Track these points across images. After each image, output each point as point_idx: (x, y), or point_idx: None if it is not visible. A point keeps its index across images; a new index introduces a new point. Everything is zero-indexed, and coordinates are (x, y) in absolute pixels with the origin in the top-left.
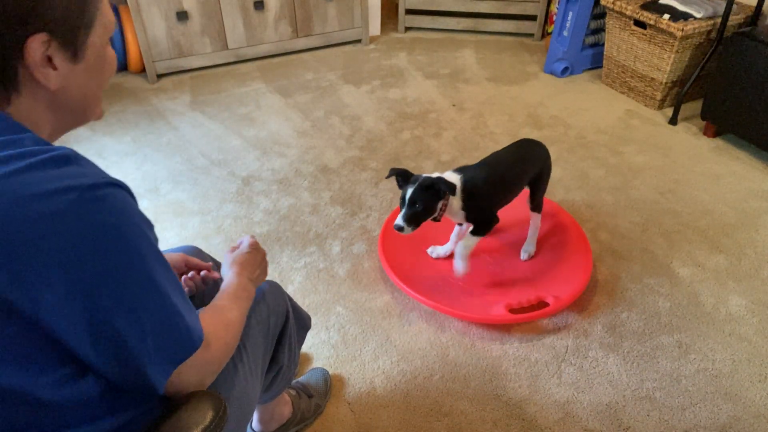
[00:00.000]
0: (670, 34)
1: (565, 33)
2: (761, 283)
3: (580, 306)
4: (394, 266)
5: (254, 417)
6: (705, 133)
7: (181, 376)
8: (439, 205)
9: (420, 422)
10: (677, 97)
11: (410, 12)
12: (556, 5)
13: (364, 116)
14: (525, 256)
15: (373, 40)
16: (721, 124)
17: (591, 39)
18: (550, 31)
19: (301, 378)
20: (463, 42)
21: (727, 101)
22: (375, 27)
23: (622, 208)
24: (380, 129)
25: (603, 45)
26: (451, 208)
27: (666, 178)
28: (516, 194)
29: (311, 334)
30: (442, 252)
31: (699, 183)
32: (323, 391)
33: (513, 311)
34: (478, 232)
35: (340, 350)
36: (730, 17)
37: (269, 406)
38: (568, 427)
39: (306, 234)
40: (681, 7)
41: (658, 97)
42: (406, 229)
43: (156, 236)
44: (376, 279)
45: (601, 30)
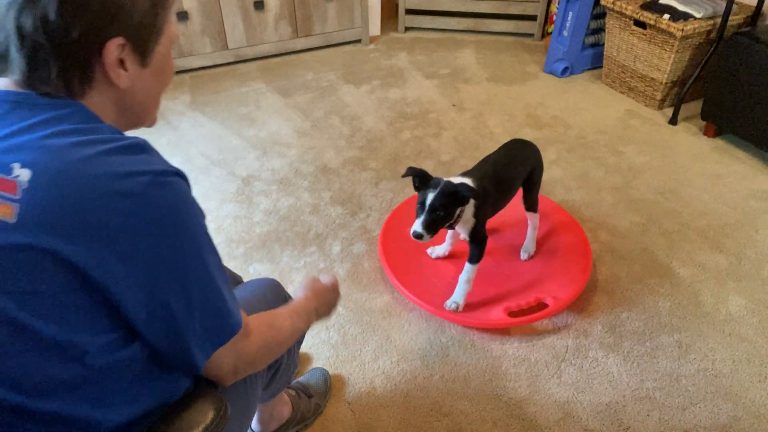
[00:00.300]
0: (670, 34)
1: (565, 33)
2: (761, 283)
3: (580, 306)
4: (394, 267)
5: (254, 417)
6: (705, 133)
7: (219, 359)
8: (457, 212)
9: (420, 422)
10: (677, 97)
11: (410, 12)
12: (556, 5)
13: (364, 116)
14: (525, 256)
15: (373, 40)
16: (721, 124)
17: (591, 39)
18: (550, 31)
19: (301, 378)
20: (463, 42)
21: (727, 101)
22: (375, 27)
23: (622, 208)
24: (380, 129)
25: (603, 45)
26: (464, 218)
27: (666, 178)
28: (513, 196)
29: (311, 334)
30: (441, 252)
31: (699, 183)
32: (323, 391)
33: (512, 314)
34: (476, 259)
35: (340, 350)
36: (730, 17)
37: (268, 405)
38: (568, 427)
39: (306, 234)
40: (681, 7)
41: (658, 97)
42: (425, 236)
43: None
44: (376, 279)
45: (601, 30)
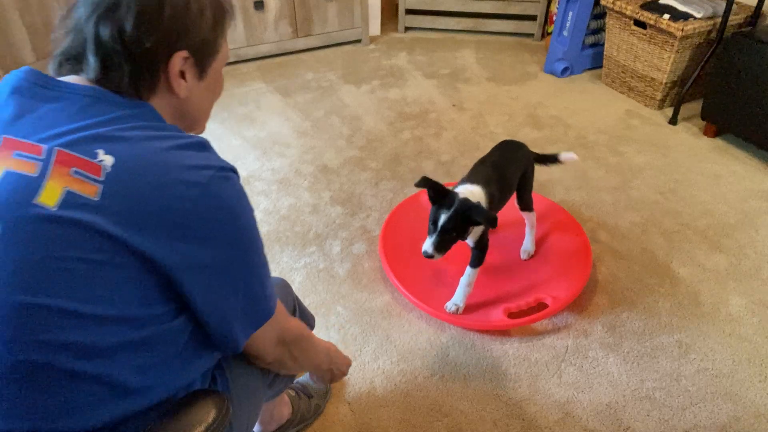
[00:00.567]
0: (670, 34)
1: (565, 33)
2: (761, 283)
3: (580, 306)
4: (395, 267)
5: None
6: (705, 133)
7: (262, 336)
8: (471, 230)
9: (420, 422)
10: (677, 97)
11: (410, 12)
12: (556, 5)
13: (364, 116)
14: (525, 255)
15: (373, 40)
16: (721, 124)
17: (591, 39)
18: (550, 31)
19: (301, 378)
20: (463, 42)
21: (727, 101)
22: (375, 27)
23: (622, 208)
24: (380, 129)
25: (603, 45)
26: (474, 229)
27: (666, 178)
28: (510, 197)
29: None
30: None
31: (699, 183)
32: (323, 392)
33: (512, 315)
34: (478, 263)
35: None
36: (730, 17)
37: (269, 406)
38: (568, 427)
39: (306, 234)
40: (681, 7)
41: (658, 97)
42: (435, 256)
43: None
44: (376, 279)
45: (601, 30)
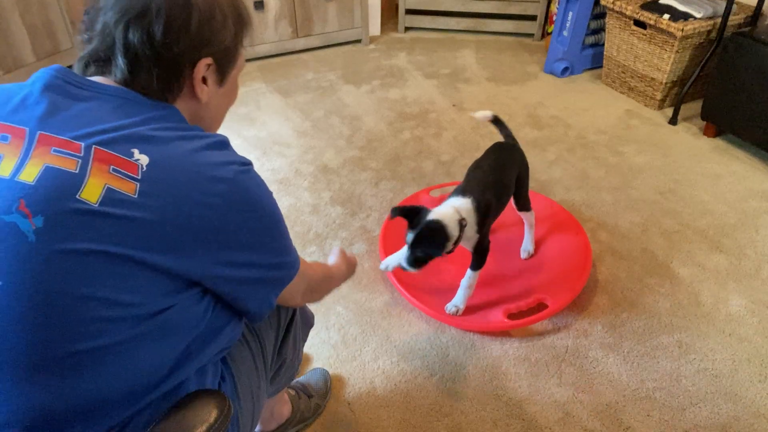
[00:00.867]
0: (670, 34)
1: (565, 33)
2: (761, 283)
3: (580, 306)
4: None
5: None
6: (705, 133)
7: (292, 288)
8: (449, 246)
9: (420, 422)
10: (677, 97)
11: (410, 12)
12: (556, 5)
13: (364, 116)
14: (525, 255)
15: (373, 40)
16: (721, 124)
17: (591, 39)
18: (550, 31)
19: (301, 378)
20: (463, 42)
21: (727, 101)
22: (375, 27)
23: (622, 208)
24: (380, 129)
25: (603, 45)
26: (465, 237)
27: (666, 178)
28: (508, 200)
29: (311, 334)
30: (393, 263)
31: (699, 183)
32: (323, 391)
33: (512, 316)
34: (478, 266)
35: (340, 350)
36: (730, 17)
37: (269, 404)
38: (568, 427)
39: (306, 234)
40: (681, 7)
41: (658, 97)
42: (410, 270)
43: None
44: (376, 279)
45: (601, 30)
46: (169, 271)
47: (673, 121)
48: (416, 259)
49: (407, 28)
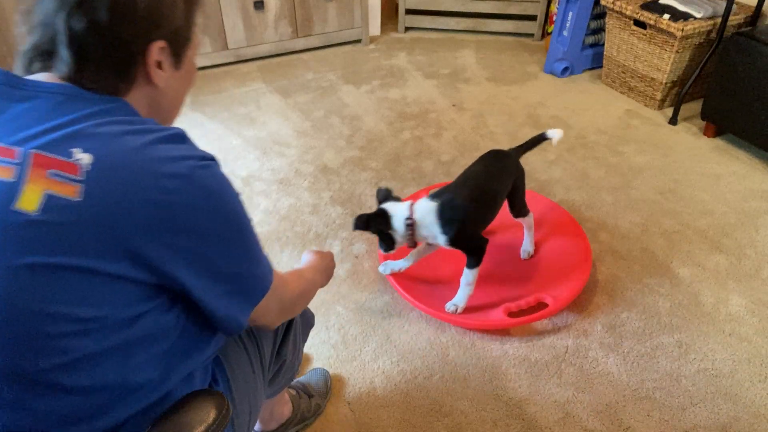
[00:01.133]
0: (670, 34)
1: (565, 33)
2: (761, 283)
3: (580, 306)
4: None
5: None
6: (705, 133)
7: (265, 309)
8: (396, 237)
9: (420, 422)
10: (677, 97)
11: (410, 12)
12: (556, 5)
13: (364, 116)
14: (525, 255)
15: (373, 40)
16: (721, 124)
17: (591, 39)
18: (550, 31)
19: (302, 378)
20: (463, 42)
21: (727, 101)
22: (375, 27)
23: (622, 208)
24: (380, 129)
25: (603, 45)
26: (430, 234)
27: (666, 178)
28: (497, 211)
29: (311, 334)
30: (397, 267)
31: (699, 183)
32: (323, 391)
33: (512, 314)
34: (473, 264)
35: (340, 350)
36: (730, 17)
37: (269, 404)
38: (568, 427)
39: (306, 234)
40: (681, 7)
41: (658, 97)
42: (386, 250)
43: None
44: (376, 279)
45: (601, 30)
46: (127, 278)
47: (673, 121)
48: (381, 241)
49: (407, 28)
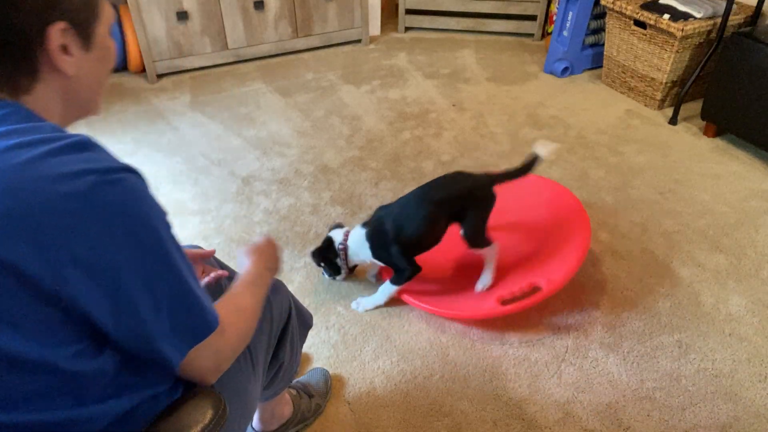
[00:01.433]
0: (670, 34)
1: (565, 33)
2: (761, 283)
3: (580, 306)
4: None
5: (255, 416)
6: (705, 133)
7: (197, 359)
8: (340, 262)
9: (420, 422)
10: (677, 97)
11: (410, 12)
12: (556, 5)
13: (364, 116)
14: (480, 287)
15: (373, 40)
16: (721, 124)
17: (591, 39)
18: (550, 31)
19: (302, 378)
20: (463, 42)
21: (727, 101)
22: (375, 27)
23: (622, 208)
24: (380, 129)
25: (603, 45)
26: (366, 257)
27: (666, 178)
28: (439, 234)
29: (311, 334)
30: (370, 304)
31: (699, 183)
32: (323, 391)
33: (505, 302)
34: (395, 282)
35: (340, 350)
36: (730, 17)
37: (270, 404)
38: (568, 427)
39: (306, 234)
40: (681, 7)
41: (658, 97)
42: (334, 279)
43: (171, 223)
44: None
45: (601, 30)
46: (47, 321)
47: (673, 121)
48: (329, 267)
49: (407, 28)
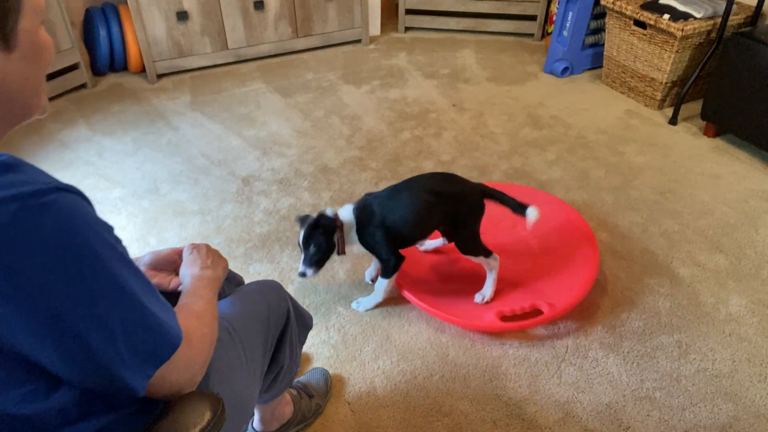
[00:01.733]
0: (670, 34)
1: (565, 33)
2: (761, 283)
3: (580, 306)
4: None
5: (255, 416)
6: (705, 133)
7: (167, 376)
8: (335, 239)
9: (420, 422)
10: (677, 97)
11: (410, 12)
12: (556, 5)
13: (364, 116)
14: (479, 299)
15: (373, 40)
16: (721, 124)
17: (591, 39)
18: (550, 31)
19: (302, 378)
20: (463, 42)
21: (727, 101)
22: (375, 27)
23: (622, 208)
24: (380, 129)
25: (603, 45)
26: (349, 240)
27: (666, 178)
28: (422, 230)
29: (311, 334)
30: (370, 304)
31: (699, 183)
32: (324, 391)
33: (505, 318)
34: (384, 275)
35: (340, 350)
36: (730, 17)
37: (270, 405)
38: (568, 427)
39: None
40: (681, 7)
41: (658, 97)
42: (308, 273)
43: (118, 238)
44: None
45: (601, 30)
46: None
47: (673, 121)
48: (311, 257)
49: (407, 28)
